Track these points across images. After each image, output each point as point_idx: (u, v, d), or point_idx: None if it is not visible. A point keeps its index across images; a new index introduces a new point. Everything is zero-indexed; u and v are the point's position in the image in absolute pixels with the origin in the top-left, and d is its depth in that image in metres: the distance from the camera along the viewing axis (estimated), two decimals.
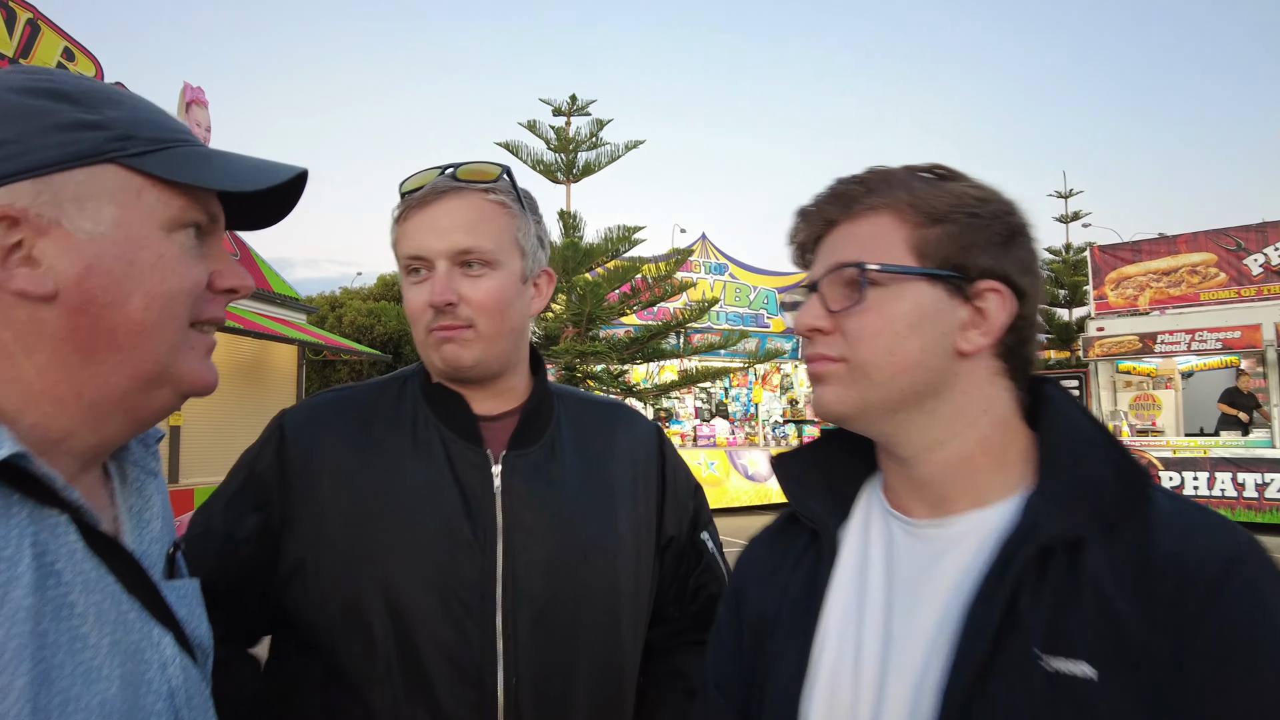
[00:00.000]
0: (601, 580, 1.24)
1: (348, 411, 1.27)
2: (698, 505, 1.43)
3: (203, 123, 11.72)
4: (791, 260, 0.97)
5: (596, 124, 9.17)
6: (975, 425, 0.85)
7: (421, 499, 1.18)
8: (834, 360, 0.86)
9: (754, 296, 18.06)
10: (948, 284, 0.83)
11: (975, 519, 0.84)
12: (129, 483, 0.86)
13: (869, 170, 0.90)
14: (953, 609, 0.80)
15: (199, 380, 0.80)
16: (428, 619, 1.14)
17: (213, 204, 0.81)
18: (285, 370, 13.33)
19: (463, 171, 1.22)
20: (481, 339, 1.20)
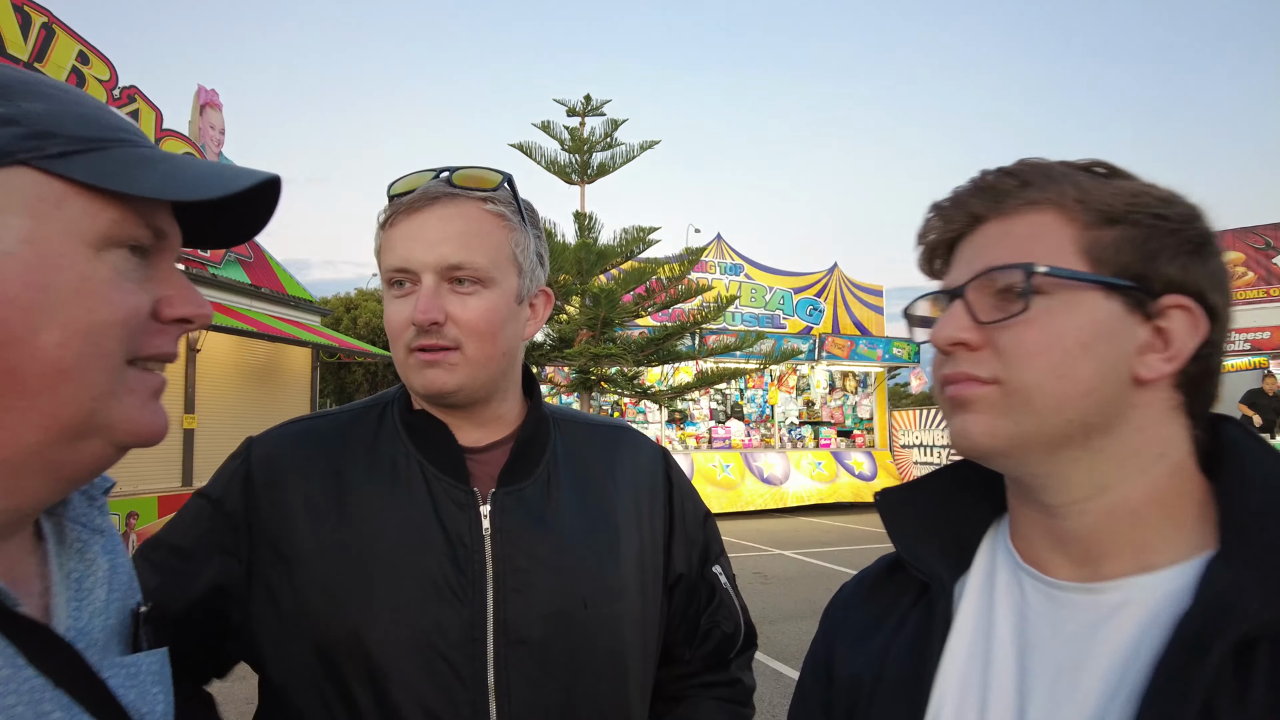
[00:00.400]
0: (604, 631, 1.10)
1: (320, 444, 1.13)
2: (708, 536, 1.30)
3: (217, 125, 11.72)
4: (919, 264, 0.83)
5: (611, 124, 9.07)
6: (1148, 470, 0.71)
7: (401, 545, 1.05)
8: (984, 382, 0.72)
9: (770, 297, 17.91)
10: (1127, 297, 0.70)
11: (1138, 586, 0.69)
12: (67, 544, 0.73)
13: (1020, 162, 0.76)
14: (1115, 702, 0.65)
15: (140, 429, 0.66)
16: (410, 682, 1.00)
17: (160, 217, 0.67)
18: (299, 372, 13.32)
19: (459, 177, 1.10)
20: (468, 363, 1.07)
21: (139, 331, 0.65)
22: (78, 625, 0.69)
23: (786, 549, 11.30)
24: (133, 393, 0.66)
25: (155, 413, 0.68)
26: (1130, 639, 0.67)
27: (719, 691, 1.27)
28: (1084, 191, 0.71)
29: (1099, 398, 0.69)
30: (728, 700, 1.27)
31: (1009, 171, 0.75)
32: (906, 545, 0.85)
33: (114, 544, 0.79)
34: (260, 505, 1.08)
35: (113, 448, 0.66)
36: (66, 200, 0.62)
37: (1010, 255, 0.71)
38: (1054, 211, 0.72)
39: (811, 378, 18.39)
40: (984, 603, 0.78)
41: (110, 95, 9.75)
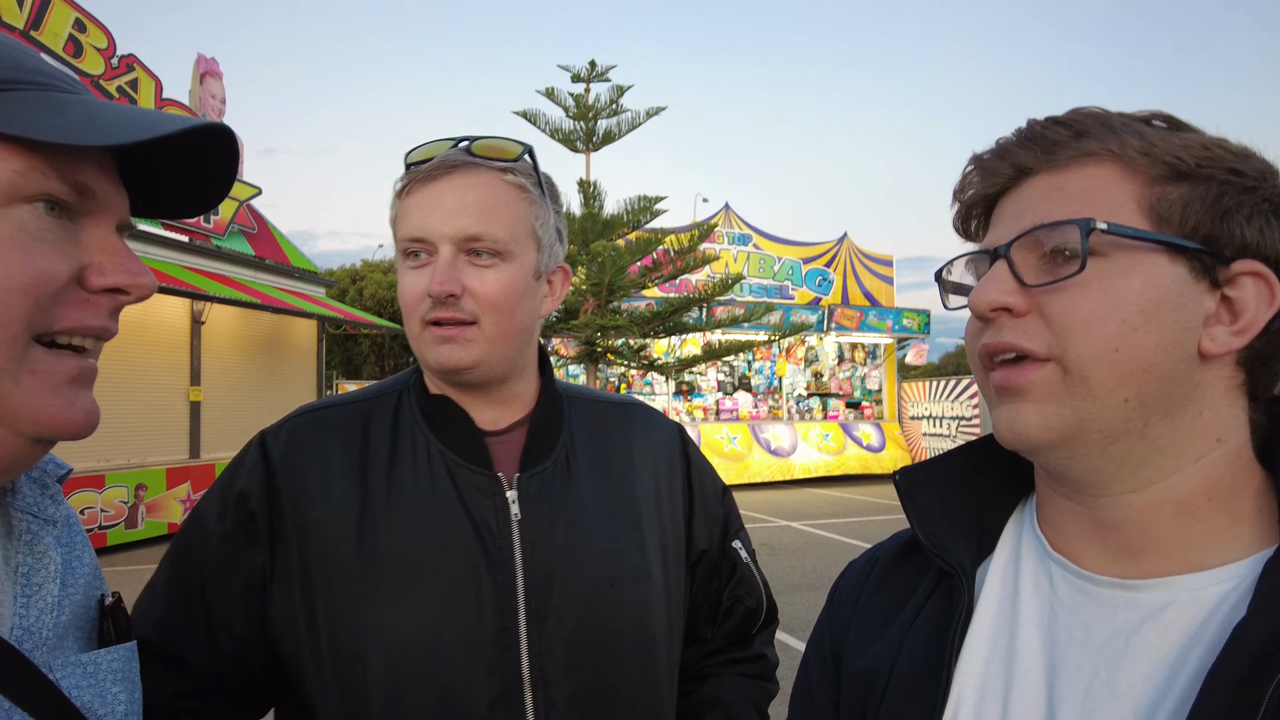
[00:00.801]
0: (632, 612, 1.07)
1: (340, 435, 1.09)
2: (727, 511, 1.28)
3: (217, 94, 11.58)
4: (954, 224, 0.75)
5: (616, 90, 8.91)
6: (1205, 457, 0.63)
7: (428, 535, 1.02)
8: (1039, 360, 0.63)
9: (778, 268, 17.75)
10: (1194, 260, 0.62)
11: (1184, 586, 0.62)
12: (16, 537, 0.68)
13: (1074, 111, 0.67)
14: (1158, 713, 0.59)
15: (45, 419, 0.59)
16: (443, 677, 0.97)
17: (84, 172, 0.60)
18: (305, 344, 13.30)
19: (479, 146, 1.06)
20: (485, 339, 1.04)
21: (51, 301, 0.58)
22: (25, 624, 0.64)
23: (794, 520, 11.30)
24: (35, 375, 0.59)
25: (70, 402, 0.61)
26: (1175, 645, 0.60)
27: (744, 668, 1.26)
28: (1149, 143, 0.63)
29: (1159, 374, 0.61)
30: (753, 676, 1.26)
31: (1061, 120, 0.67)
32: (926, 529, 0.78)
33: (72, 534, 0.74)
34: (284, 502, 1.04)
35: (22, 439, 0.59)
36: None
37: (1063, 211, 0.63)
38: (1114, 164, 0.64)
39: (820, 349, 18.29)
40: (1008, 593, 0.72)
41: (109, 64, 9.61)
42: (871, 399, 18.68)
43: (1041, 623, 0.68)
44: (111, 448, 9.24)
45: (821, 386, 18.29)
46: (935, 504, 0.79)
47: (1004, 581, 0.73)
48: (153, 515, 9.51)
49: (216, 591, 1.02)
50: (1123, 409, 0.61)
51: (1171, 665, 0.59)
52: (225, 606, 1.02)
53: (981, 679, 0.69)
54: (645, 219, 8.70)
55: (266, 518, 1.03)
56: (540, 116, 8.88)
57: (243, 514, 1.04)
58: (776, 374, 17.77)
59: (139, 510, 9.36)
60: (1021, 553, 0.73)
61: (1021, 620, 0.69)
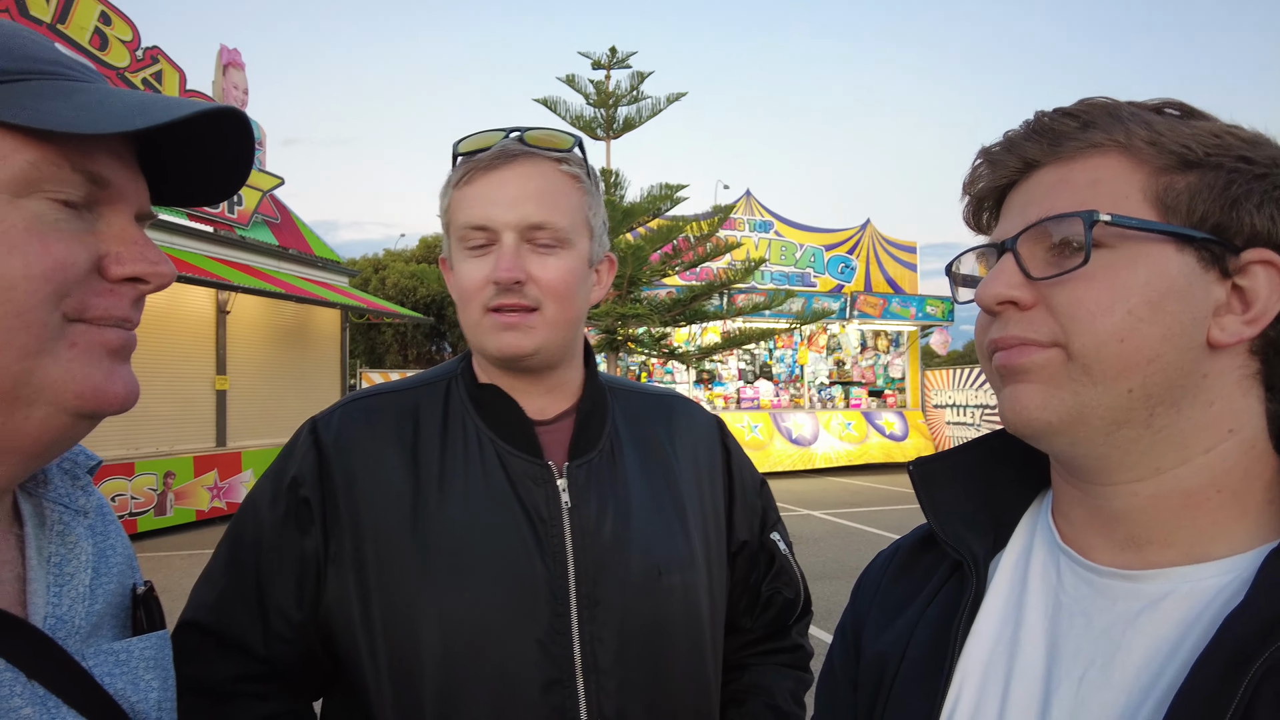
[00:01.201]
0: (679, 600, 1.09)
1: (392, 423, 1.10)
2: (765, 503, 1.30)
3: (240, 85, 11.66)
4: (965, 218, 0.75)
5: (637, 77, 8.86)
6: (1214, 449, 0.62)
7: (481, 523, 1.03)
8: (1042, 346, 0.63)
9: (800, 254, 17.63)
10: (1203, 250, 0.61)
11: (1185, 577, 0.62)
12: (49, 527, 0.69)
13: (1082, 102, 0.67)
14: (1146, 703, 0.59)
15: (91, 394, 0.60)
16: (497, 660, 0.99)
17: (98, 162, 0.60)
18: (329, 333, 13.41)
19: (532, 137, 1.09)
20: (547, 325, 1.06)
21: (74, 289, 0.59)
22: (58, 612, 0.66)
23: (815, 509, 11.26)
24: (75, 347, 0.60)
25: (110, 373, 0.62)
26: (1171, 633, 0.60)
27: (782, 658, 1.28)
28: (1156, 132, 0.63)
29: (1165, 365, 0.60)
30: (790, 666, 1.28)
31: (1069, 112, 0.67)
32: (940, 520, 0.79)
33: (105, 524, 0.76)
34: (337, 488, 1.06)
35: (66, 415, 0.60)
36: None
37: (1068, 204, 0.63)
38: (1120, 155, 0.64)
39: (842, 337, 18.17)
40: (1017, 583, 0.73)
41: (134, 56, 9.70)
42: (894, 387, 18.54)
43: (1046, 612, 0.69)
44: (140, 436, 9.39)
45: (844, 375, 18.18)
46: (950, 496, 0.80)
47: (1015, 572, 0.74)
48: (181, 502, 9.67)
49: (270, 576, 1.04)
50: (1126, 398, 0.61)
51: (1165, 653, 0.60)
52: (279, 591, 1.04)
53: (985, 666, 0.70)
54: (666, 207, 8.66)
55: (320, 503, 1.05)
56: (560, 104, 8.85)
57: (295, 500, 1.05)
58: (798, 362, 17.68)
59: (168, 497, 9.52)
60: (1034, 544, 0.74)
61: (1027, 610, 0.70)
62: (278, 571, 1.04)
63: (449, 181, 1.11)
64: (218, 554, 1.09)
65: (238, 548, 1.07)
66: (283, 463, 1.10)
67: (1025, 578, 0.72)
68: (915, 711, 0.72)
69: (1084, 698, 0.62)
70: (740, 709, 1.21)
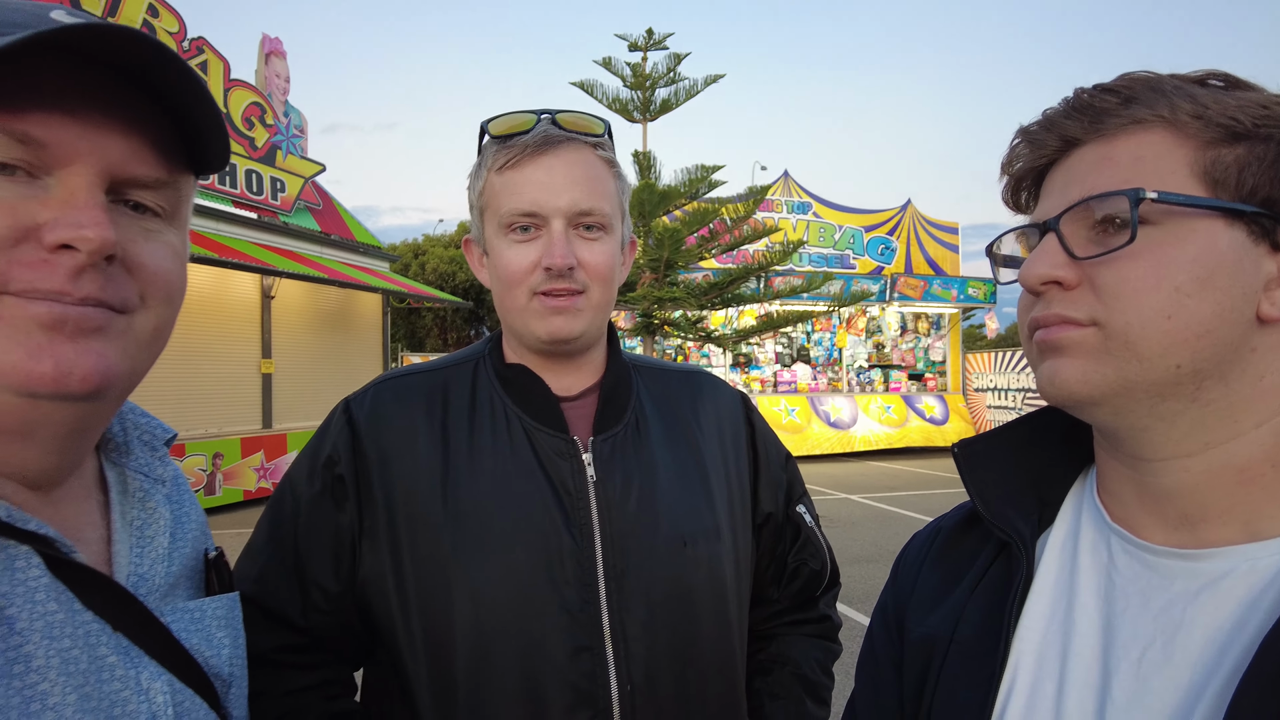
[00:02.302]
0: (705, 569, 1.11)
1: (422, 401, 1.13)
2: (790, 477, 1.31)
3: (282, 73, 11.82)
4: (1004, 198, 0.75)
5: (674, 58, 8.79)
6: (1267, 423, 0.62)
7: (510, 496, 1.06)
8: (1080, 325, 0.63)
9: (839, 236, 17.41)
10: (1253, 224, 0.60)
11: (1244, 555, 0.61)
12: (130, 494, 0.73)
13: (1124, 76, 0.66)
14: (1211, 684, 0.58)
15: (14, 371, 0.57)
16: (527, 628, 1.01)
17: (29, 120, 0.56)
18: (370, 318, 13.63)
19: (566, 120, 1.10)
20: (592, 308, 1.10)
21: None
22: (139, 571, 0.70)
23: (853, 494, 11.18)
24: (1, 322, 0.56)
25: (35, 351, 0.57)
26: (1232, 614, 0.60)
27: (809, 629, 1.30)
28: (1201, 105, 0.62)
29: (1215, 340, 0.60)
30: (818, 636, 1.30)
31: (1109, 88, 0.66)
32: (985, 500, 0.78)
33: (179, 492, 0.80)
34: (370, 465, 1.09)
35: (9, 394, 0.58)
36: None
37: (1111, 182, 0.62)
38: (1164, 130, 0.62)
39: (882, 319, 17.92)
40: (1067, 563, 0.72)
41: (180, 47, 9.90)
42: (935, 370, 18.26)
43: (1099, 592, 0.68)
44: (190, 418, 9.67)
45: (883, 358, 17.95)
46: (994, 476, 0.79)
47: (1063, 551, 0.73)
48: (229, 483, 9.95)
49: (308, 550, 1.08)
50: (1174, 373, 0.61)
51: (1228, 632, 0.59)
52: (317, 564, 1.07)
53: (1039, 647, 0.70)
54: (703, 189, 8.60)
55: (354, 479, 1.08)
56: (597, 87, 8.83)
57: (330, 477, 1.08)
58: (837, 345, 17.50)
59: (216, 478, 9.79)
60: (1081, 523, 0.73)
61: (1079, 590, 0.70)
62: (315, 546, 1.08)
63: (485, 164, 1.11)
64: (258, 530, 1.13)
65: (277, 524, 1.11)
66: (318, 441, 1.13)
67: (1075, 557, 0.72)
68: (971, 692, 0.72)
69: (1145, 677, 0.62)
70: (767, 678, 1.23)
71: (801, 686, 1.23)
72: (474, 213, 1.15)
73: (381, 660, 1.10)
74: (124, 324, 0.62)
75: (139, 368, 0.66)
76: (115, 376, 0.62)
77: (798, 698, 1.22)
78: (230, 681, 0.76)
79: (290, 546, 1.09)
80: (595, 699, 1.01)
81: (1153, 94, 0.63)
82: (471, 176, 1.15)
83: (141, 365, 0.66)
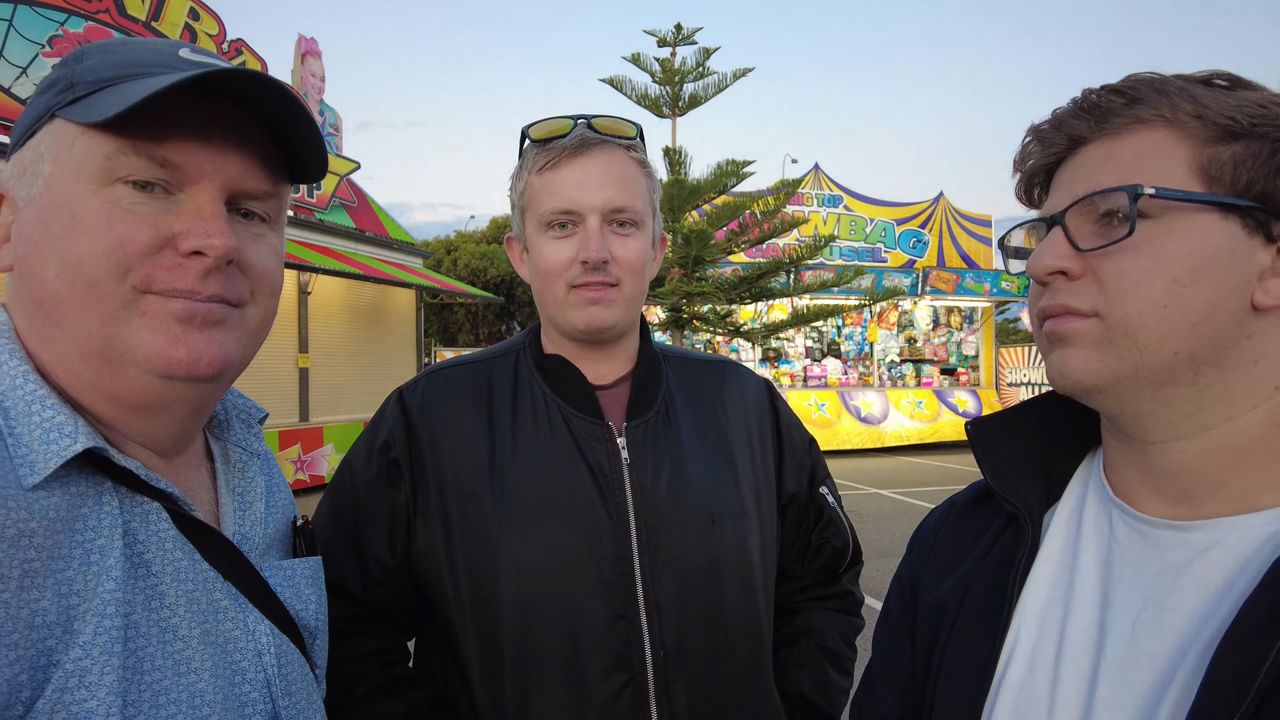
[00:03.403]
0: (732, 545, 1.19)
1: (469, 389, 1.22)
2: (814, 460, 1.39)
3: (317, 73, 12.03)
4: (1016, 193, 0.79)
5: (703, 53, 8.78)
6: (1263, 405, 0.65)
7: (551, 477, 1.15)
8: (1083, 315, 0.68)
9: (870, 229, 17.26)
10: (1247, 218, 0.64)
11: (1234, 526, 0.65)
12: (232, 464, 0.84)
13: (1130, 77, 0.70)
14: (1196, 643, 0.62)
15: (156, 358, 0.67)
16: (570, 603, 1.10)
17: (166, 146, 0.67)
18: (405, 313, 13.83)
19: (602, 125, 1.18)
20: (624, 299, 1.17)
21: (138, 264, 0.66)
22: (242, 531, 0.80)
23: (884, 488, 11.13)
24: (145, 317, 0.67)
25: (173, 340, 0.68)
26: (1220, 579, 0.64)
27: (833, 603, 1.38)
28: (1201, 105, 0.65)
29: (1210, 328, 0.64)
30: (841, 610, 1.38)
31: (1115, 89, 0.70)
32: (996, 475, 0.83)
33: (270, 466, 0.90)
34: (423, 448, 1.18)
35: (150, 376, 0.68)
36: (77, 142, 0.66)
37: (1114, 178, 0.66)
38: (1165, 129, 0.66)
39: (914, 313, 17.75)
40: (1071, 535, 0.77)
41: (219, 49, 10.13)
42: (968, 365, 18.05)
43: (1100, 560, 0.73)
44: None
45: (915, 352, 17.78)
46: (1006, 452, 0.84)
47: (1069, 524, 0.78)
48: None
49: (367, 528, 1.17)
50: (1172, 359, 0.65)
51: (1214, 597, 0.63)
52: (374, 541, 1.17)
53: (1041, 611, 0.75)
54: (732, 183, 8.60)
55: (408, 462, 1.17)
56: (626, 83, 8.85)
57: (386, 460, 1.18)
58: (868, 339, 17.38)
59: None
60: (1087, 498, 0.78)
61: (1082, 559, 0.74)
62: (373, 524, 1.17)
63: (527, 166, 1.19)
64: (319, 512, 1.22)
65: (338, 504, 1.20)
66: (374, 427, 1.22)
67: (1079, 529, 0.76)
68: (975, 653, 0.77)
69: (1137, 638, 0.66)
70: (793, 649, 1.31)
71: (825, 656, 1.30)
72: (515, 212, 1.24)
73: (433, 629, 1.18)
74: (238, 316, 0.73)
75: (249, 354, 0.76)
76: (232, 362, 0.72)
77: (821, 667, 1.29)
78: (316, 633, 0.86)
79: (350, 525, 1.18)
80: (630, 663, 1.09)
81: (1156, 94, 0.67)
82: (513, 179, 1.23)
83: (251, 352, 0.77)
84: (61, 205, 0.65)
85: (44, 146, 0.66)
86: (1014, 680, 0.74)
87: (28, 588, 0.58)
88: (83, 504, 0.63)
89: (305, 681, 0.80)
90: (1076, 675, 0.69)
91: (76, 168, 0.66)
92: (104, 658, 0.61)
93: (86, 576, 0.62)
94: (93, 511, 0.64)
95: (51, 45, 8.28)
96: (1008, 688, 0.74)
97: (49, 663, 0.58)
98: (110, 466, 0.66)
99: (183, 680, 0.66)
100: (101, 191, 0.66)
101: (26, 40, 8.17)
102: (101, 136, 0.65)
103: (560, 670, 1.09)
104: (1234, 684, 0.57)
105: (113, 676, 0.61)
